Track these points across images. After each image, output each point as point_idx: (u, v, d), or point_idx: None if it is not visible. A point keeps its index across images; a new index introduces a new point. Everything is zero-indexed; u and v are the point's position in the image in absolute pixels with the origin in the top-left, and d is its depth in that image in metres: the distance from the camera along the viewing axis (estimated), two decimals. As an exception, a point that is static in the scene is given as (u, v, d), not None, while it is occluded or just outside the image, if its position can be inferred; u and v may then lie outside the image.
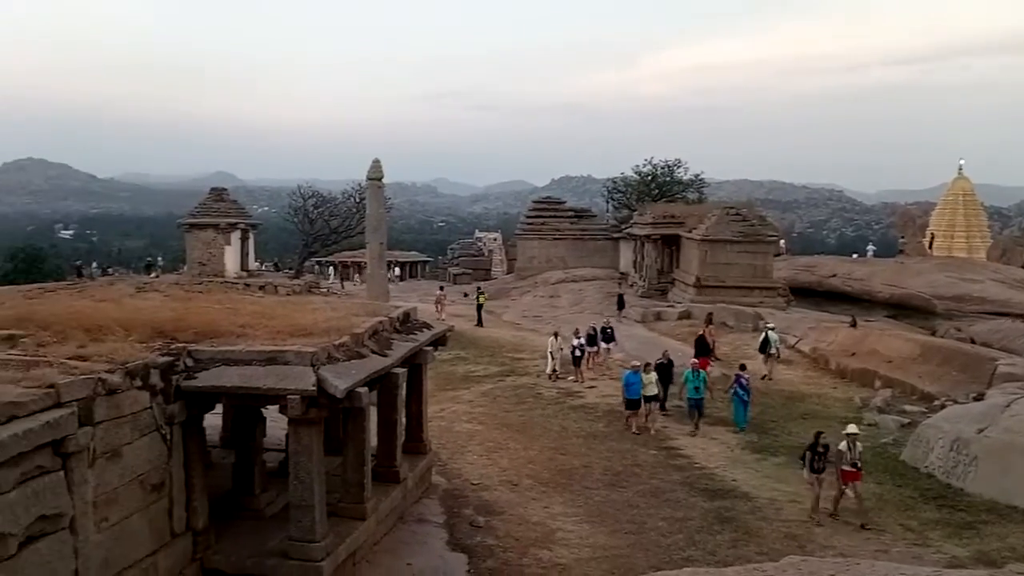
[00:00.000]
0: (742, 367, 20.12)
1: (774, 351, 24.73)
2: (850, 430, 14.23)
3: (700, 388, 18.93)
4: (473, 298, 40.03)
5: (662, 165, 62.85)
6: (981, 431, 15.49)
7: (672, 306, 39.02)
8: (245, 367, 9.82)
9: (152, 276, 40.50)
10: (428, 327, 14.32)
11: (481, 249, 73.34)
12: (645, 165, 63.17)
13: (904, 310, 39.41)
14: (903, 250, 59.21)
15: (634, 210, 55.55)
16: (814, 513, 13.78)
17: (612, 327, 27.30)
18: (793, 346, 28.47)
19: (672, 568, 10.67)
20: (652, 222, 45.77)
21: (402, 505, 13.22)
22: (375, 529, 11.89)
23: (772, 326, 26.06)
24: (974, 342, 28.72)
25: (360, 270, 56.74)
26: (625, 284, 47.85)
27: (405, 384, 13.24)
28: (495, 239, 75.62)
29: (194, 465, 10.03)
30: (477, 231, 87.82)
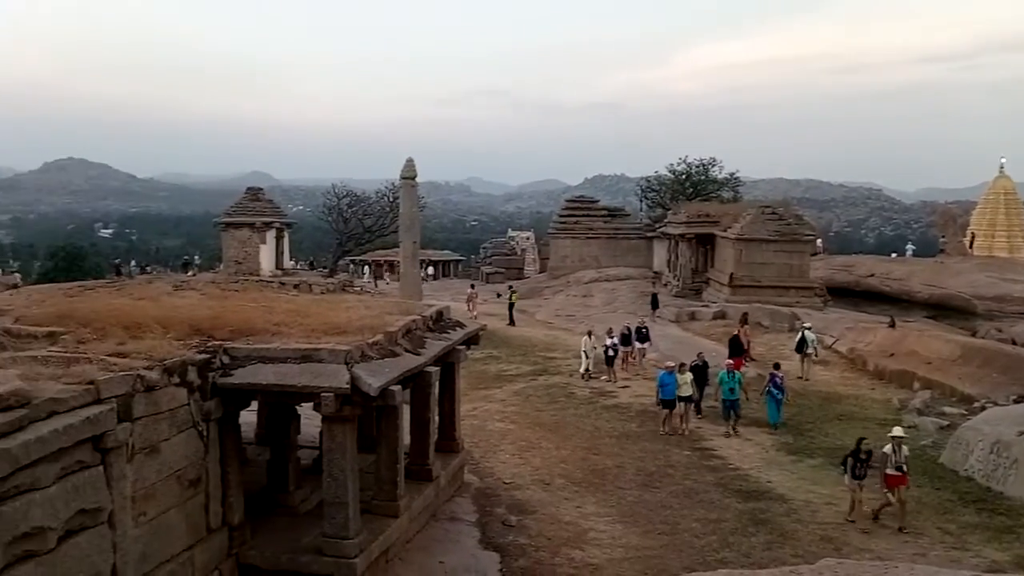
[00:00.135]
0: (776, 366, 20.05)
1: (811, 351, 24.47)
2: (896, 433, 13.89)
3: (735, 389, 18.79)
4: (506, 298, 40.07)
5: (697, 164, 62.49)
6: (1022, 433, 15.18)
7: (706, 306, 38.70)
8: (280, 365, 9.90)
9: (189, 274, 41.04)
10: (461, 326, 14.33)
11: (514, 248, 73.18)
12: (680, 164, 62.85)
13: (944, 311, 38.71)
14: (943, 249, 58.18)
15: (668, 209, 55.22)
16: (851, 516, 13.58)
17: (647, 327, 27.17)
18: (830, 346, 28.10)
19: (706, 570, 10.55)
20: (686, 221, 45.45)
21: (435, 503, 13.26)
22: (408, 527, 11.93)
23: (808, 326, 25.72)
24: (1015, 343, 28.22)
25: (393, 269, 56.97)
26: (659, 283, 47.53)
27: (438, 383, 13.22)
28: (528, 238, 75.42)
29: (230, 461, 10.14)
30: (510, 230, 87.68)
